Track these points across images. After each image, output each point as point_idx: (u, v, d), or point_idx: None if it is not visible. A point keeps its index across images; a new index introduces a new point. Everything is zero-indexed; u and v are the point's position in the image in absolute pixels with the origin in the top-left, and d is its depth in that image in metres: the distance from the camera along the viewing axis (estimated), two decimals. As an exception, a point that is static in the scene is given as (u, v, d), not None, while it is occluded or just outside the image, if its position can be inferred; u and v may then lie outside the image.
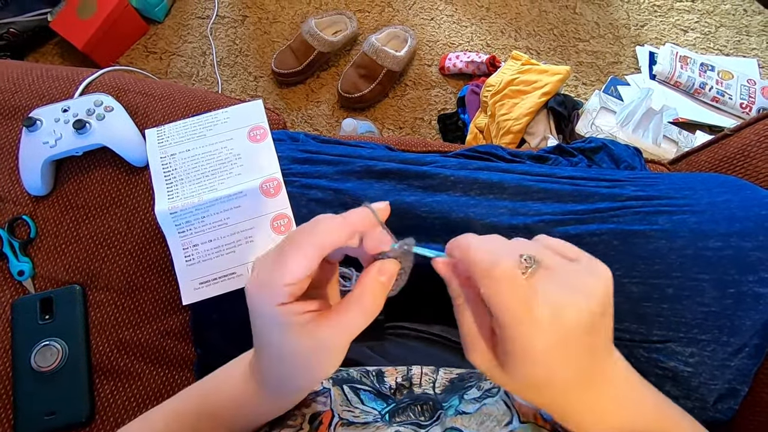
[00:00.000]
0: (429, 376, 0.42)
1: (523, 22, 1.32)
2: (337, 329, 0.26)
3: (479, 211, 0.50)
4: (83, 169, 0.61)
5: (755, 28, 1.32)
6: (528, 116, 1.05)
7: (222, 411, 0.33)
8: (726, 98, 1.16)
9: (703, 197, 0.48)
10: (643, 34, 1.31)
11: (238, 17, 1.33)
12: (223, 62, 1.28)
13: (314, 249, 0.25)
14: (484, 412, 0.35)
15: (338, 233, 0.26)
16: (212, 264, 0.53)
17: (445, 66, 1.24)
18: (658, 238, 0.45)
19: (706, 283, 0.44)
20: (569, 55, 1.28)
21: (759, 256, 0.43)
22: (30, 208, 0.60)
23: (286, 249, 0.26)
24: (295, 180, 0.54)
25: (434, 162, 0.55)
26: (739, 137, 0.59)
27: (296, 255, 0.25)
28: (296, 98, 1.24)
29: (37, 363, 0.53)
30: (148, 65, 1.28)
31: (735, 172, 0.58)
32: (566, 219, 0.49)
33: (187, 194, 0.55)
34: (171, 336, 0.57)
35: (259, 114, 0.60)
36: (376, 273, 0.27)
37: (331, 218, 0.26)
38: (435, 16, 1.33)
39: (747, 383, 0.46)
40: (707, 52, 1.29)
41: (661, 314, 0.44)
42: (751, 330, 0.44)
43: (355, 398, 0.39)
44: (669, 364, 0.45)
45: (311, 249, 0.25)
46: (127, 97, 0.65)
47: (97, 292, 0.57)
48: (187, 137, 0.59)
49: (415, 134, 1.22)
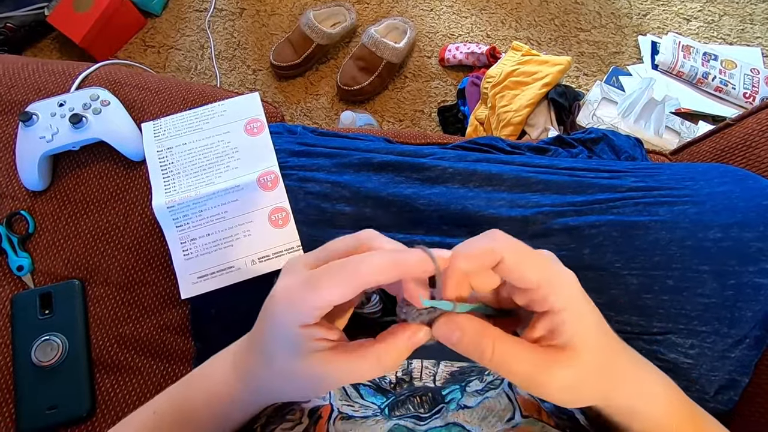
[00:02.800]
0: (429, 369, 0.42)
1: (524, 13, 1.31)
2: (346, 372, 0.25)
3: (477, 203, 0.50)
4: (80, 164, 0.61)
5: (759, 16, 1.30)
6: (528, 108, 1.04)
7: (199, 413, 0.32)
8: (729, 88, 1.15)
9: (704, 188, 0.47)
10: (646, 24, 1.29)
11: (235, 10, 1.32)
12: (222, 55, 1.27)
13: (355, 283, 0.24)
14: (486, 406, 0.35)
15: (386, 274, 0.24)
16: (210, 258, 0.53)
17: (445, 57, 1.23)
18: (658, 229, 0.45)
19: (707, 275, 0.43)
20: (570, 46, 1.27)
21: (760, 247, 0.43)
22: (28, 203, 0.60)
23: (326, 274, 0.25)
24: (292, 173, 0.54)
25: (432, 154, 0.55)
26: (741, 127, 0.59)
27: (334, 284, 0.24)
28: (295, 91, 1.24)
29: (37, 358, 0.53)
30: (146, 59, 1.27)
31: (737, 162, 0.57)
32: (565, 210, 0.48)
33: (184, 188, 0.55)
34: (170, 330, 0.57)
35: (256, 107, 0.60)
36: (407, 338, 0.25)
37: (380, 256, 0.24)
38: (434, 7, 1.32)
39: (747, 374, 0.46)
40: (710, 41, 1.27)
41: (661, 306, 0.44)
42: (751, 321, 0.43)
43: (355, 393, 0.39)
44: (669, 355, 0.45)
45: (351, 282, 0.24)
46: (124, 91, 0.64)
47: (96, 287, 0.58)
48: (183, 131, 0.58)
49: (415, 127, 1.21)
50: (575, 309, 0.25)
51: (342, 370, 0.25)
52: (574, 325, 0.24)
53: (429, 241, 0.50)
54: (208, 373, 0.33)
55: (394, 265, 0.24)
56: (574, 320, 0.25)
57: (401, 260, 0.24)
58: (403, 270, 0.24)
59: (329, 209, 0.51)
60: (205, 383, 0.33)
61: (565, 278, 0.25)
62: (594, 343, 0.25)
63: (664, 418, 0.29)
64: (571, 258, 0.47)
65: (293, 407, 0.36)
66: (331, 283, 0.24)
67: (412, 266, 0.24)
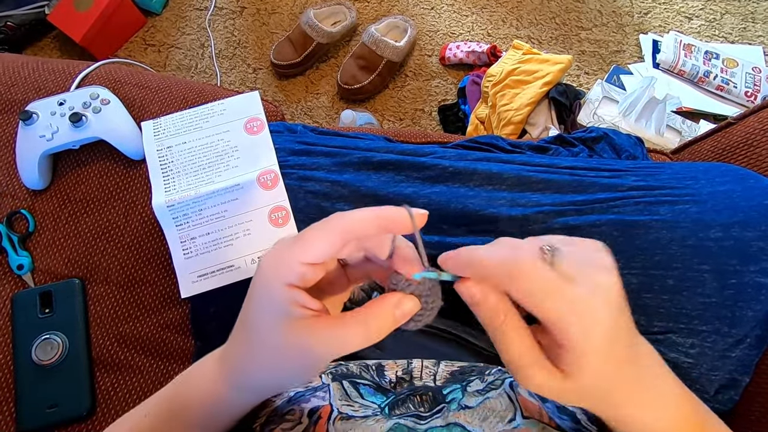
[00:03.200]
0: (430, 369, 0.42)
1: (525, 11, 1.30)
2: (332, 340, 0.24)
3: (478, 202, 0.50)
4: (80, 163, 0.61)
5: (761, 14, 1.29)
6: (529, 106, 1.03)
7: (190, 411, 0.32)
8: (731, 87, 1.14)
9: (705, 187, 0.47)
10: (647, 22, 1.29)
11: (236, 8, 1.32)
12: (222, 54, 1.27)
13: (339, 232, 0.24)
14: (487, 406, 0.35)
15: (367, 223, 0.25)
16: (210, 257, 0.53)
17: (446, 56, 1.23)
18: (658, 228, 0.45)
19: (707, 274, 0.43)
20: (571, 44, 1.27)
21: (761, 246, 0.43)
22: (28, 202, 0.60)
23: (310, 228, 0.25)
24: (292, 172, 0.54)
25: (433, 153, 0.55)
26: (743, 125, 0.58)
27: (319, 235, 0.25)
28: (296, 90, 1.24)
29: (37, 356, 0.53)
30: (147, 58, 1.27)
31: (738, 161, 0.57)
32: (566, 210, 0.48)
33: (184, 187, 0.55)
34: (170, 329, 0.57)
35: (256, 106, 0.60)
36: (393, 305, 0.25)
37: (362, 210, 0.25)
38: (435, 6, 1.32)
39: (748, 374, 0.46)
40: (712, 40, 1.27)
41: (661, 305, 0.44)
42: (752, 321, 0.43)
43: (355, 393, 0.39)
44: (669, 355, 0.44)
45: (336, 231, 0.24)
46: (124, 89, 0.64)
47: (96, 286, 0.58)
48: (183, 129, 0.58)
49: (416, 125, 1.21)
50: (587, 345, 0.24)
51: (327, 338, 0.24)
52: (578, 359, 0.24)
53: (428, 240, 0.50)
54: (196, 373, 0.33)
55: (375, 216, 0.25)
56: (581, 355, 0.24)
57: (381, 212, 0.25)
58: (382, 221, 0.25)
59: (329, 208, 0.51)
60: (193, 382, 0.32)
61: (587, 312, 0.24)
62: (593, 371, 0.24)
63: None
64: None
65: (293, 408, 0.36)
66: (317, 235, 0.25)
67: (391, 217, 0.25)
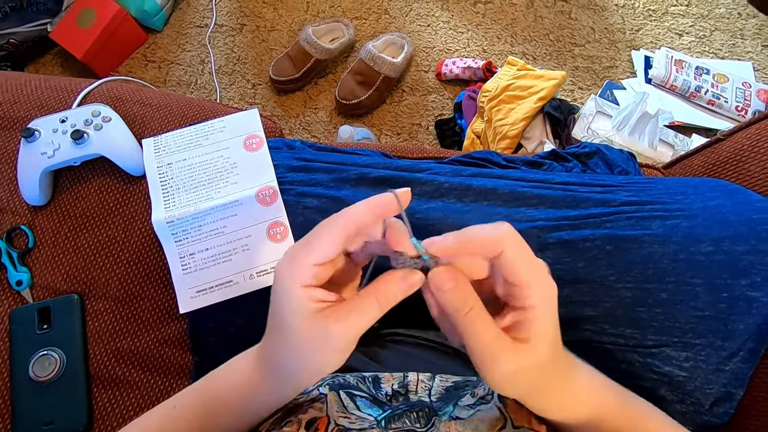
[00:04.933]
0: (425, 383, 0.42)
1: (519, 28, 1.33)
2: (348, 318, 0.27)
3: (474, 218, 0.51)
4: (81, 179, 0.62)
5: (750, 31, 1.32)
6: (524, 121, 1.05)
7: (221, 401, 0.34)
8: (721, 101, 1.16)
9: (696, 202, 0.48)
10: (639, 39, 1.32)
11: (236, 26, 1.34)
12: (222, 70, 1.29)
13: (340, 229, 0.27)
14: (478, 417, 0.35)
15: (364, 216, 0.27)
16: (209, 272, 0.53)
17: (442, 72, 1.25)
18: (651, 243, 0.46)
19: (700, 288, 0.44)
20: (565, 60, 1.29)
21: (751, 260, 0.43)
22: (28, 218, 0.60)
23: (314, 232, 0.28)
24: (291, 188, 0.55)
25: (429, 169, 0.56)
26: (732, 141, 0.60)
27: (324, 237, 0.27)
28: (294, 105, 1.25)
29: (35, 373, 0.53)
30: (147, 74, 1.29)
31: (727, 177, 0.58)
32: (560, 225, 0.49)
33: (183, 203, 0.55)
34: (168, 344, 0.57)
35: (255, 123, 0.61)
36: (401, 277, 0.28)
37: (356, 204, 0.28)
38: (431, 23, 1.34)
39: (742, 387, 0.46)
40: (702, 56, 1.30)
41: (655, 319, 0.45)
42: (744, 334, 0.44)
43: (351, 404, 0.39)
44: (664, 368, 0.45)
45: (337, 229, 0.27)
46: (125, 106, 0.65)
47: (95, 301, 0.58)
48: (183, 146, 0.59)
49: (413, 140, 1.22)
50: (546, 311, 0.27)
51: (344, 319, 0.27)
52: (540, 324, 0.27)
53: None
54: (233, 368, 0.35)
55: (367, 207, 0.27)
56: (542, 320, 0.27)
57: (372, 201, 0.28)
58: (376, 209, 0.27)
59: None
60: (229, 377, 0.34)
61: (549, 285, 0.28)
62: (548, 344, 0.28)
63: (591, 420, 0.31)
64: (566, 271, 0.47)
65: (290, 419, 0.36)
66: (322, 238, 0.27)
67: (382, 203, 0.28)
